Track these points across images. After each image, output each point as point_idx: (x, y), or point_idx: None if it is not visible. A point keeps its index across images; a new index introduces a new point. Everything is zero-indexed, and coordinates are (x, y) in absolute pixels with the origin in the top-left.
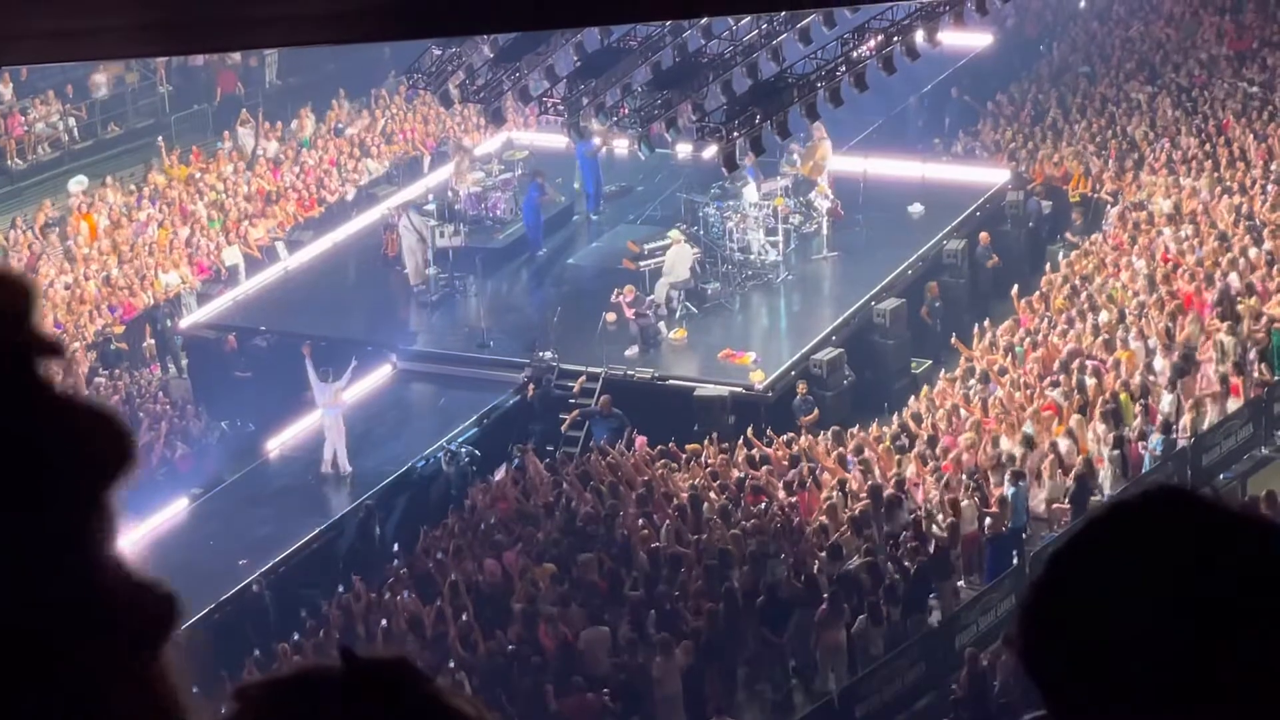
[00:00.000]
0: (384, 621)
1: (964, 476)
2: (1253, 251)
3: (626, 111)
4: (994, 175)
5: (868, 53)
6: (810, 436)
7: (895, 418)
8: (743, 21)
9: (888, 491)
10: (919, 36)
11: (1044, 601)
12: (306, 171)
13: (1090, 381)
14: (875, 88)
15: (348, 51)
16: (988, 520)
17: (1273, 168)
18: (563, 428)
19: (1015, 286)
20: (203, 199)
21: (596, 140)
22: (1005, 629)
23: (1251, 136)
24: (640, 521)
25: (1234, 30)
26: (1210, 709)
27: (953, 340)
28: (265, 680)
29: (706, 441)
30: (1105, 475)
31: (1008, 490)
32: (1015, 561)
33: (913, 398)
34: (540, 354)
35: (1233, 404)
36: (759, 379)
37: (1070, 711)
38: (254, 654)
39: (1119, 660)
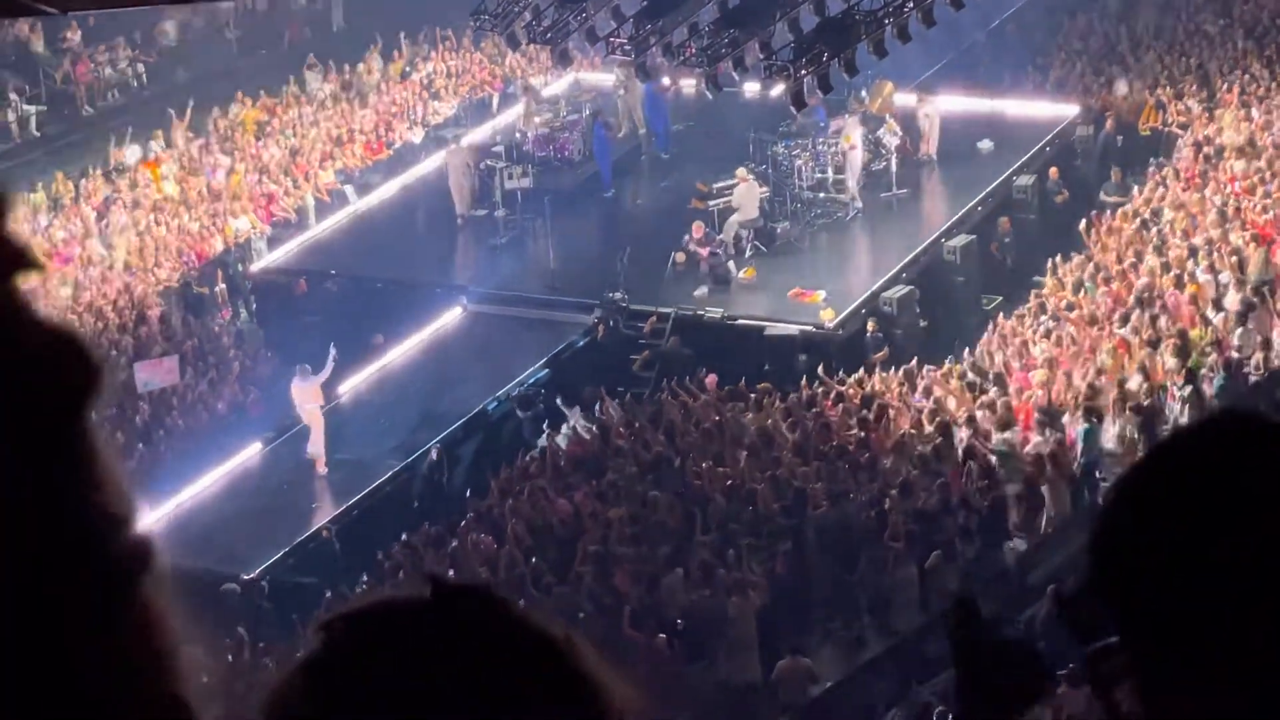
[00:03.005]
0: (453, 569)
1: (1036, 414)
2: None
3: (693, 51)
4: (1064, 110)
5: None
6: (881, 374)
7: (966, 355)
8: None
9: (959, 429)
10: None
11: (1109, 528)
12: (376, 114)
13: (1161, 317)
14: (943, 23)
15: None
16: (1064, 457)
17: None
18: (634, 368)
19: (1083, 221)
20: (272, 143)
21: (666, 80)
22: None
23: None
24: (712, 461)
25: None
26: (1243, 672)
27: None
28: (350, 611)
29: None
30: (1176, 411)
31: (1080, 427)
32: (1088, 498)
33: (984, 334)
34: (610, 295)
35: None
36: (829, 317)
37: (1137, 639)
38: (326, 596)
39: (1180, 592)
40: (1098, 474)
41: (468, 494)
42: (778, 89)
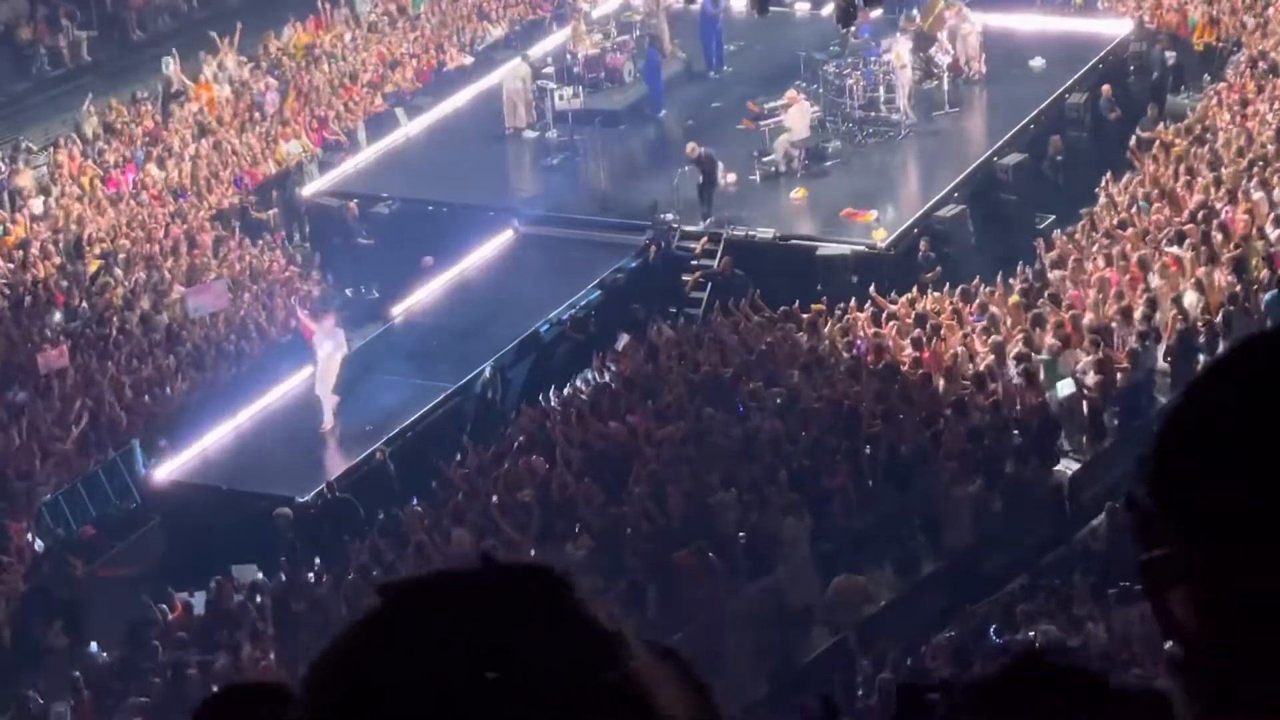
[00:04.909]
0: (496, 495)
1: (1089, 333)
2: None
3: None
4: (1117, 26)
5: None
6: (934, 294)
7: (1019, 273)
8: None
9: (1013, 347)
10: None
11: (1175, 431)
12: (426, 36)
13: (1216, 233)
14: None
15: None
16: (1118, 375)
17: None
18: (685, 289)
19: (1134, 139)
20: (321, 67)
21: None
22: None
23: None
24: (764, 382)
25: None
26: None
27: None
28: (408, 579)
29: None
30: (1232, 328)
31: (1134, 345)
32: (1142, 416)
33: (1037, 253)
34: (661, 216)
35: None
36: (881, 237)
37: (1198, 545)
38: (379, 518)
39: (1243, 495)
40: (1152, 392)
41: (520, 415)
42: (827, 8)
